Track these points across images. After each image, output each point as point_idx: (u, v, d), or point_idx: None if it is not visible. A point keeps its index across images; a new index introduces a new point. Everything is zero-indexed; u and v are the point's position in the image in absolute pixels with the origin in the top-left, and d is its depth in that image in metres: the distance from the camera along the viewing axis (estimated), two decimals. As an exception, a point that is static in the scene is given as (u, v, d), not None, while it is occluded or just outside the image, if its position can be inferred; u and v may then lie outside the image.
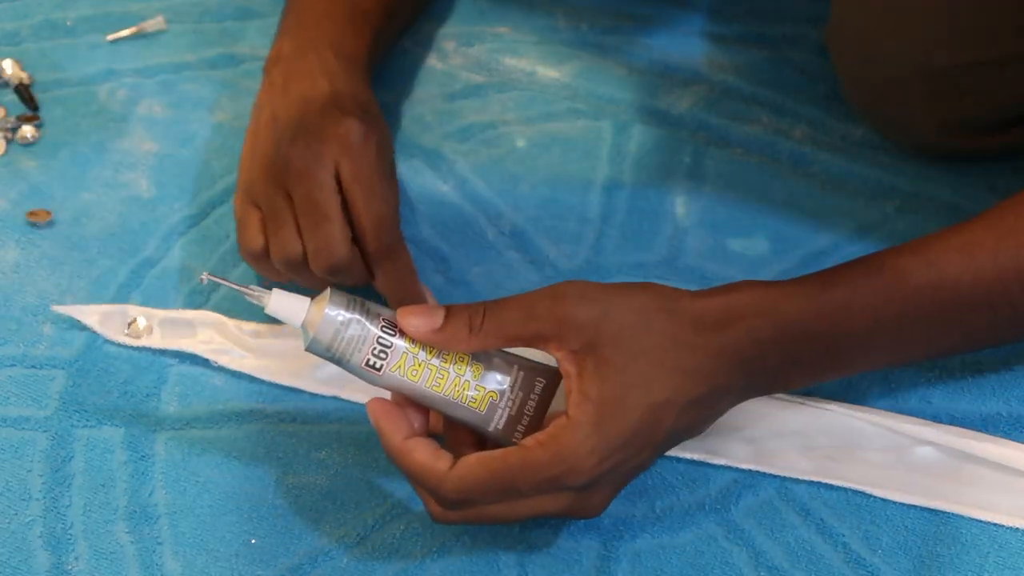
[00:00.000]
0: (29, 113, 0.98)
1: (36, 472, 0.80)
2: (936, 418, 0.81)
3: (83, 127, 0.97)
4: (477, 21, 1.04)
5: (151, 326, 0.85)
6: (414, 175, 0.94)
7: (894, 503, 0.78)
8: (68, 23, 1.04)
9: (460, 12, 1.04)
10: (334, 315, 0.70)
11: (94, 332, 0.85)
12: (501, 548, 0.76)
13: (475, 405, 0.72)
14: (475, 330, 0.70)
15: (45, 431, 0.81)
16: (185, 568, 0.76)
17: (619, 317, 0.70)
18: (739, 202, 0.93)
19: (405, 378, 0.71)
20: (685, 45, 1.02)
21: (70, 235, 0.91)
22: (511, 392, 0.72)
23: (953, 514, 0.77)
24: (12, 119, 0.97)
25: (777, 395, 0.80)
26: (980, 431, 0.80)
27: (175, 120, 0.98)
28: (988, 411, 0.82)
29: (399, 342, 0.71)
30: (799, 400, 0.81)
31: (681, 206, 0.93)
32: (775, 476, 0.79)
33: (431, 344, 0.71)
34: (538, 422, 0.73)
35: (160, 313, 0.86)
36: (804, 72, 1.00)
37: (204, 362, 0.84)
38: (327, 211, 0.79)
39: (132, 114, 0.98)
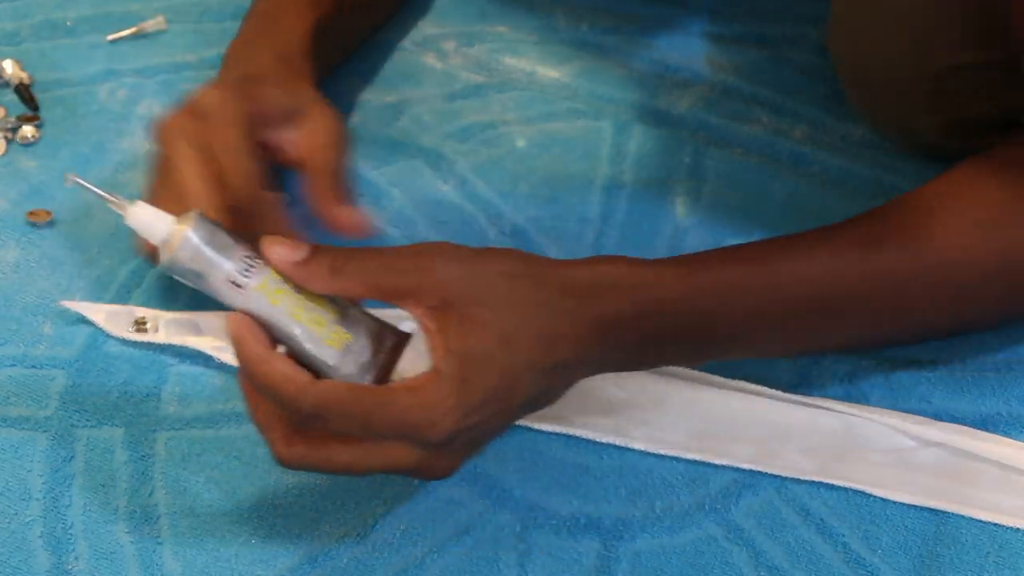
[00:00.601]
0: (29, 113, 0.98)
1: (36, 472, 0.80)
2: (936, 418, 0.81)
3: (83, 127, 0.97)
4: (477, 21, 1.04)
5: (156, 325, 0.85)
6: (414, 175, 0.94)
7: (894, 503, 0.78)
8: (68, 23, 1.04)
9: (460, 12, 1.04)
10: (199, 229, 0.68)
11: (94, 332, 0.85)
12: (501, 548, 0.76)
13: (331, 343, 0.70)
14: (336, 272, 0.69)
15: (45, 431, 0.81)
16: (185, 568, 0.76)
17: (484, 277, 0.70)
18: (739, 202, 0.93)
19: (267, 300, 0.69)
20: (685, 45, 1.02)
21: (70, 235, 0.91)
22: (365, 340, 0.71)
23: (953, 514, 0.77)
24: (12, 119, 0.97)
25: (778, 394, 0.81)
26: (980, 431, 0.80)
27: (175, 120, 0.98)
28: (988, 411, 0.82)
29: (264, 268, 0.69)
30: (800, 399, 0.81)
31: (681, 206, 0.93)
32: (775, 476, 0.79)
33: (291, 277, 0.69)
34: (384, 380, 0.71)
35: (166, 315, 0.86)
36: (804, 72, 1.00)
37: (204, 362, 0.84)
38: (176, 167, 0.80)
39: (132, 114, 0.98)
